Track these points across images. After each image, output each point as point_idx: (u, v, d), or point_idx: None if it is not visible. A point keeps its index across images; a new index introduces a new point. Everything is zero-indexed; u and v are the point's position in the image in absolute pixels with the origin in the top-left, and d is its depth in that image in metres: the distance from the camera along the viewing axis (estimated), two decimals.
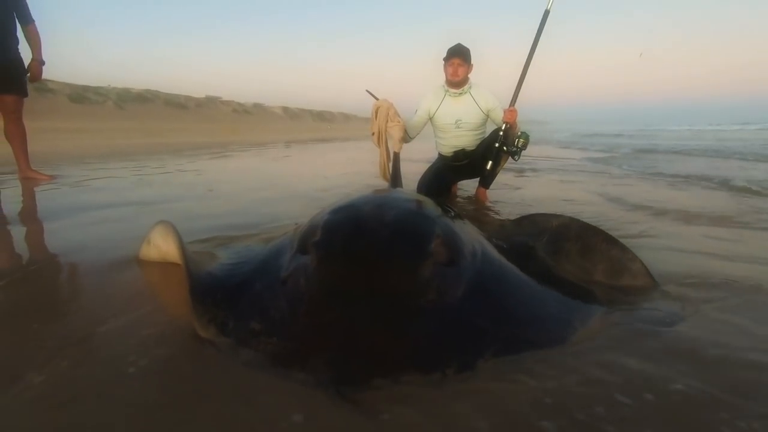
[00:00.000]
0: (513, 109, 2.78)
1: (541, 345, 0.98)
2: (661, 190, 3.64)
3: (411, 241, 1.05)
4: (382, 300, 0.94)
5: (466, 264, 1.12)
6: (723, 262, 1.67)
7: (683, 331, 1.09)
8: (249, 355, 0.92)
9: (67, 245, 1.82)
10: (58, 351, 0.97)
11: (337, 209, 1.18)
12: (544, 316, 1.07)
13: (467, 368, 0.88)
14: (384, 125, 2.89)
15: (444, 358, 0.89)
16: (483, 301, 1.05)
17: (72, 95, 19.93)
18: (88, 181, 3.75)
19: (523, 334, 0.99)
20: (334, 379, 0.82)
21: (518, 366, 0.91)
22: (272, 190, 3.52)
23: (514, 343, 0.96)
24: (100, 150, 7.24)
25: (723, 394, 0.85)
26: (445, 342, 0.92)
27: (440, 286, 1.00)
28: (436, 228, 1.11)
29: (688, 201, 3.09)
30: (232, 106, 28.77)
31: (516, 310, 1.07)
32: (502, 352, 0.93)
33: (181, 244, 1.27)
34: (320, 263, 1.02)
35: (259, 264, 1.27)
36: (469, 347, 0.92)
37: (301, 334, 0.93)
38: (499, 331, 0.98)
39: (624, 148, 9.62)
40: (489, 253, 1.29)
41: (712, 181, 4.12)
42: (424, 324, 0.93)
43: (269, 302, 1.04)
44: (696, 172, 4.89)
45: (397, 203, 1.22)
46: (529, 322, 1.04)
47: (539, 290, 1.18)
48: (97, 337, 1.04)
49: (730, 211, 2.67)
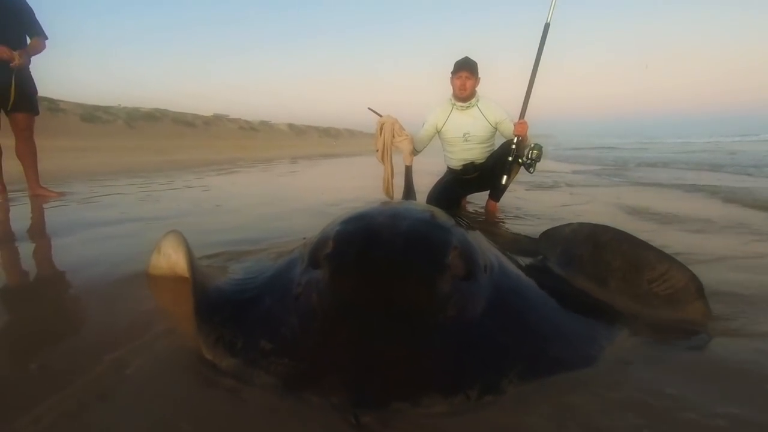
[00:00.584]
0: (523, 121, 2.76)
1: (568, 364, 0.92)
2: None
3: (428, 253, 1.00)
4: (400, 315, 0.89)
5: (484, 277, 1.07)
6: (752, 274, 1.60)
7: (723, 347, 1.02)
8: (259, 376, 0.88)
9: (74, 261, 1.80)
10: (64, 380, 0.92)
11: (349, 219, 1.13)
12: (568, 333, 1.02)
13: (491, 390, 0.82)
14: (390, 141, 2.90)
15: (466, 379, 0.83)
16: (504, 316, 1.00)
17: (83, 115, 20.30)
18: (97, 197, 3.76)
19: (549, 352, 0.94)
20: (350, 401, 0.77)
21: (544, 387, 0.86)
22: (280, 204, 3.50)
23: (540, 362, 0.91)
24: (109, 167, 7.31)
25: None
26: (467, 361, 0.86)
27: (459, 301, 0.95)
28: (453, 239, 1.06)
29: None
30: (239, 123, 29.14)
31: (539, 327, 1.01)
32: (528, 372, 0.88)
33: (191, 255, 1.23)
34: (333, 276, 0.98)
35: (269, 279, 1.23)
36: (493, 367, 0.87)
37: (314, 353, 0.88)
38: (523, 349, 0.92)
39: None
40: (506, 266, 1.24)
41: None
42: (444, 342, 0.88)
43: (280, 319, 1.00)
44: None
45: (411, 213, 1.18)
46: (554, 338, 0.98)
47: (561, 305, 1.13)
48: (103, 363, 0.99)
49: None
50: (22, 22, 3.35)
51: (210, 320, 1.02)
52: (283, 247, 1.68)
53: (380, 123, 2.92)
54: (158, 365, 0.97)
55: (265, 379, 0.87)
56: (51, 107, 18.39)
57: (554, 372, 0.89)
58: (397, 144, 2.92)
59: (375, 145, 2.98)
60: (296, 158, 11.76)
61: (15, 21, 3.31)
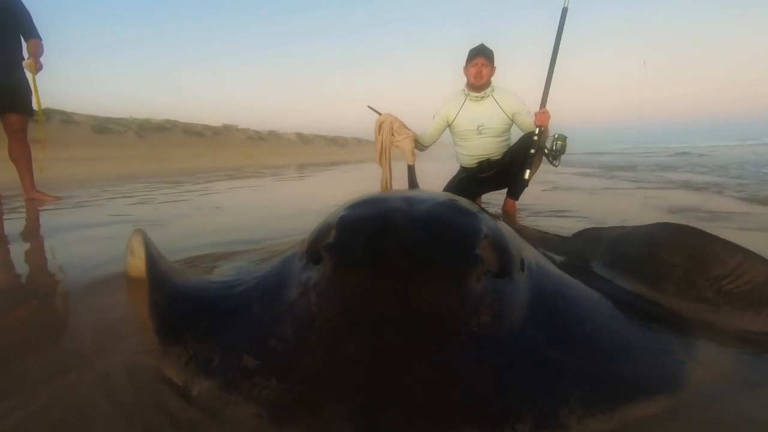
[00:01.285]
0: (545, 110, 2.53)
1: (645, 387, 0.69)
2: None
3: (454, 241, 0.78)
4: (420, 321, 0.68)
5: (521, 274, 0.85)
6: None
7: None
8: (238, 403, 0.66)
9: (55, 262, 1.65)
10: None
11: (357, 203, 0.91)
12: (636, 346, 0.79)
13: (547, 423, 0.60)
14: (388, 141, 2.70)
15: (511, 407, 0.61)
16: (552, 324, 0.78)
17: (95, 126, 20.54)
18: (94, 201, 3.62)
19: (617, 370, 0.71)
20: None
21: (617, 418, 0.63)
22: (283, 207, 3.33)
23: (607, 384, 0.68)
24: (114, 175, 7.23)
25: None
26: (511, 384, 0.64)
27: (495, 303, 0.73)
28: (483, 225, 0.84)
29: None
30: (247, 133, 29.30)
31: (598, 337, 0.79)
32: (593, 397, 0.65)
33: (153, 259, 1.02)
34: (335, 272, 0.76)
35: (259, 281, 1.00)
36: (546, 390, 0.64)
37: (311, 372, 0.66)
38: (584, 366, 0.70)
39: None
40: (545, 264, 1.02)
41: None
42: (478, 357, 0.66)
43: (270, 330, 0.77)
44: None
45: (430, 196, 0.95)
46: (620, 353, 0.76)
47: (619, 311, 0.90)
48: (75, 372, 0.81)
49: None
50: (18, 24, 3.26)
51: (179, 336, 0.82)
52: (279, 247, 1.48)
53: (379, 122, 2.73)
54: (127, 373, 0.80)
55: (246, 407, 0.66)
56: (64, 119, 18.62)
57: (629, 398, 0.66)
58: (397, 143, 2.72)
59: (375, 148, 2.78)
60: (303, 165, 11.64)
61: (11, 22, 3.23)
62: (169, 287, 0.95)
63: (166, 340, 0.81)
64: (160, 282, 0.94)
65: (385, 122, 2.71)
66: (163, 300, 0.89)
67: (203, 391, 0.71)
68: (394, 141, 2.71)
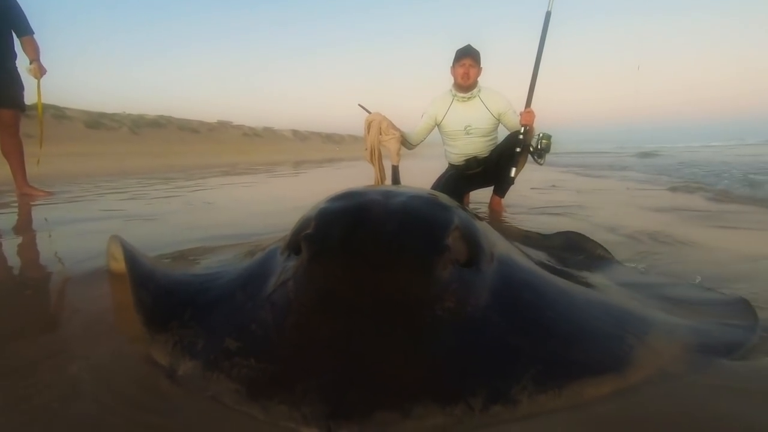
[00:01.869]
0: (530, 110, 2.60)
1: (594, 368, 0.75)
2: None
3: (424, 231, 0.84)
4: (388, 305, 0.73)
5: (490, 265, 0.90)
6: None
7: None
8: (219, 381, 0.71)
9: (41, 256, 1.67)
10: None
11: (335, 197, 0.98)
12: (593, 332, 0.85)
13: (500, 399, 0.65)
14: (376, 140, 2.70)
15: (469, 384, 0.66)
16: (514, 312, 0.83)
17: (88, 122, 20.40)
18: (86, 196, 3.64)
19: (570, 354, 0.76)
20: (326, 412, 0.61)
21: (565, 396, 0.69)
22: (275, 203, 3.36)
23: (560, 366, 0.73)
24: (108, 171, 7.23)
25: None
26: (470, 363, 0.69)
27: (460, 290, 0.79)
28: (453, 217, 0.90)
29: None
30: (242, 130, 29.22)
31: (558, 325, 0.84)
32: (544, 377, 0.70)
33: (131, 257, 1.07)
34: (312, 261, 0.81)
35: (242, 272, 1.06)
36: (501, 370, 0.70)
37: (286, 352, 0.72)
38: (539, 349, 0.75)
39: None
40: (516, 255, 1.07)
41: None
42: (442, 339, 0.72)
43: (250, 316, 0.83)
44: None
45: (405, 190, 1.02)
46: (576, 339, 0.81)
47: (582, 302, 0.96)
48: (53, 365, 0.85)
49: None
50: (10, 19, 3.26)
51: (165, 325, 0.87)
52: (265, 241, 1.53)
53: (368, 121, 2.74)
54: (114, 358, 0.84)
55: (226, 384, 0.71)
56: (57, 114, 18.47)
57: (577, 377, 0.72)
58: (384, 143, 2.72)
59: (364, 145, 2.79)
60: (299, 162, 11.66)
61: (2, 18, 3.23)
62: (152, 283, 0.99)
63: (153, 330, 0.86)
64: (142, 280, 0.99)
65: (373, 122, 2.73)
66: (147, 296, 0.94)
67: (188, 372, 0.76)
68: (381, 140, 2.73)
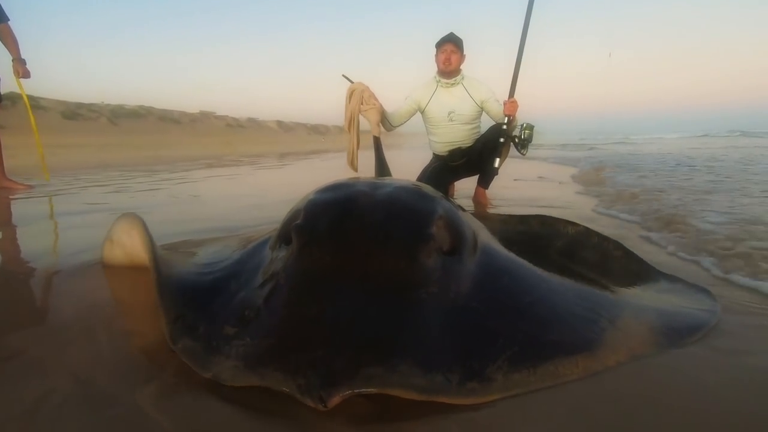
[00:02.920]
0: (513, 100, 2.64)
1: (565, 350, 0.81)
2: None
3: (409, 220, 0.89)
4: (375, 288, 0.78)
5: (471, 251, 0.96)
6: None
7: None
8: (218, 360, 0.75)
9: (27, 252, 1.66)
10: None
11: (324, 189, 1.03)
12: (566, 317, 0.91)
13: (475, 376, 0.71)
14: (356, 109, 2.66)
15: (447, 361, 0.72)
16: (493, 298, 0.89)
17: (65, 112, 19.80)
18: (68, 190, 3.58)
19: (544, 337, 0.82)
20: (317, 384, 0.65)
21: (540, 374, 0.75)
22: (262, 196, 3.37)
23: (534, 347, 0.79)
24: (88, 163, 7.07)
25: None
26: (449, 343, 0.75)
27: (443, 277, 0.84)
28: (438, 207, 0.95)
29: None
30: (226, 120, 28.71)
31: (534, 309, 0.90)
32: (520, 357, 0.76)
33: (149, 239, 1.10)
34: (302, 248, 0.86)
35: (237, 262, 1.11)
36: (478, 350, 0.76)
37: (279, 331, 0.76)
38: (515, 333, 0.81)
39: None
40: (496, 244, 1.13)
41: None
42: (424, 320, 0.77)
43: (246, 300, 0.88)
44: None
45: (391, 182, 1.07)
46: (550, 323, 0.87)
47: (559, 286, 1.02)
48: (41, 355, 0.87)
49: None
50: None
51: (173, 300, 0.92)
52: (255, 234, 1.56)
53: (350, 90, 2.70)
54: (102, 361, 0.85)
55: (225, 361, 0.75)
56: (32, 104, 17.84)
57: (552, 357, 0.78)
58: (363, 112, 2.68)
59: (344, 118, 2.73)
60: (284, 154, 11.57)
61: None
62: (167, 264, 1.04)
63: (165, 303, 0.91)
64: (162, 266, 1.03)
65: (356, 90, 2.68)
66: (164, 273, 0.99)
67: (189, 349, 0.80)
68: (361, 110, 2.68)
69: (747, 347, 0.90)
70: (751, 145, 10.31)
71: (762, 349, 0.91)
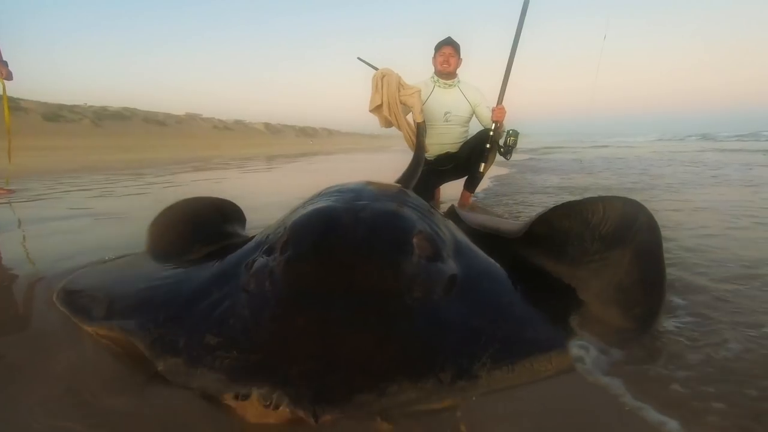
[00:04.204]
0: (502, 107, 2.71)
1: (543, 347, 0.84)
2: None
3: (391, 235, 0.94)
4: (362, 300, 0.81)
5: (450, 257, 0.99)
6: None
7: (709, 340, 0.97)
8: (203, 374, 0.76)
9: (9, 259, 1.64)
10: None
11: (307, 204, 1.07)
12: (540, 314, 0.94)
13: (464, 374, 0.75)
14: (395, 94, 2.47)
15: (437, 363, 0.75)
16: (474, 298, 0.92)
17: (46, 114, 19.38)
18: (51, 194, 3.53)
19: (522, 335, 0.86)
20: (309, 395, 0.67)
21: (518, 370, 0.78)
22: (249, 199, 3.35)
23: (513, 345, 0.83)
24: (71, 166, 6.95)
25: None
26: (437, 345, 0.78)
27: (426, 282, 0.88)
28: (417, 220, 1.00)
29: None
30: (212, 122, 28.44)
31: (511, 309, 0.94)
32: (501, 354, 0.80)
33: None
34: (289, 261, 0.88)
35: (216, 272, 1.09)
36: (464, 350, 0.79)
37: (268, 343, 0.78)
38: (496, 331, 0.84)
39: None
40: (473, 249, 1.16)
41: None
42: (411, 325, 0.80)
43: (228, 311, 0.88)
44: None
45: (373, 195, 1.11)
46: (527, 320, 0.91)
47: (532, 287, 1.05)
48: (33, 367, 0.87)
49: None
50: None
51: (144, 322, 0.91)
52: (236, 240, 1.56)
53: (380, 75, 2.49)
54: (88, 368, 0.85)
55: (211, 376, 0.75)
56: (11, 106, 17.43)
57: (529, 356, 0.81)
58: (404, 99, 2.49)
59: (372, 102, 2.53)
60: (272, 157, 11.51)
61: None
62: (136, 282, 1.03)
63: (133, 332, 0.90)
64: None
65: (388, 75, 2.49)
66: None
67: (171, 366, 0.80)
68: (400, 96, 2.50)
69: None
70: (677, 149, 11.41)
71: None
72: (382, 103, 2.50)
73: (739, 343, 0.90)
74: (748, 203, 2.74)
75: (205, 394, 0.73)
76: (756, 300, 1.13)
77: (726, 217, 2.26)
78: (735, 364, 0.83)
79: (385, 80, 2.49)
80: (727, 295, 1.16)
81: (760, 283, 1.25)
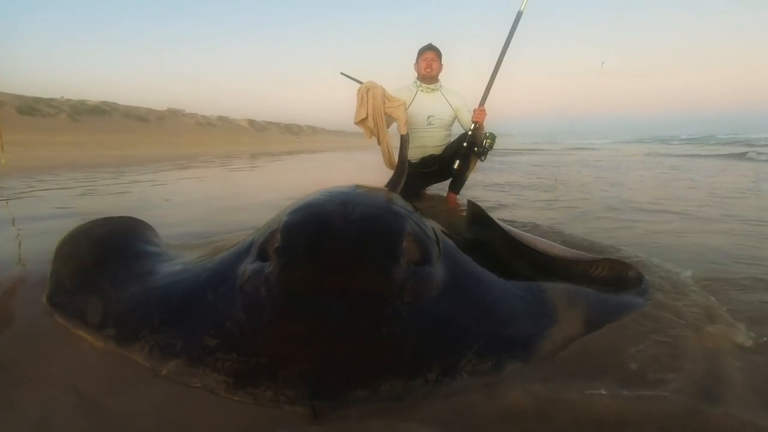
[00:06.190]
0: (482, 108, 2.79)
1: (525, 343, 0.91)
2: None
3: (381, 239, 0.97)
4: (355, 304, 0.86)
5: (438, 260, 1.05)
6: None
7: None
8: (205, 375, 0.80)
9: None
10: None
11: (298, 208, 1.08)
12: (521, 312, 1.01)
13: (450, 371, 0.81)
14: (380, 107, 2.54)
15: (424, 363, 0.81)
16: (461, 298, 0.98)
17: (21, 107, 18.80)
18: (31, 192, 3.46)
19: (505, 331, 0.93)
20: (307, 393, 0.73)
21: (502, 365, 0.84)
22: (235, 199, 3.36)
23: (497, 342, 0.89)
24: (49, 162, 6.78)
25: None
26: (424, 346, 0.84)
27: (415, 287, 0.93)
28: (406, 224, 1.04)
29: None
30: (195, 119, 28.00)
31: (495, 307, 1.00)
32: (485, 351, 0.86)
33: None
34: (283, 268, 0.92)
35: (209, 276, 1.11)
36: (451, 348, 0.85)
37: (266, 346, 0.82)
38: (482, 330, 0.91)
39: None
40: (458, 251, 1.22)
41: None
42: (401, 328, 0.85)
43: (224, 316, 0.91)
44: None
45: (362, 199, 1.14)
46: (509, 319, 0.97)
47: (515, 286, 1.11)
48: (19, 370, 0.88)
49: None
50: None
51: (137, 328, 0.94)
52: (226, 242, 1.58)
53: (365, 88, 2.55)
54: (88, 369, 0.87)
55: (212, 377, 0.79)
56: None
57: (512, 352, 0.88)
58: (389, 111, 2.56)
59: (356, 115, 2.59)
60: (256, 155, 11.41)
61: None
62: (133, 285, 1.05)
63: (128, 338, 0.92)
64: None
65: (373, 89, 2.55)
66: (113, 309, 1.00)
67: (171, 369, 0.83)
68: (386, 108, 2.56)
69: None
70: (613, 153, 11.40)
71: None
72: (367, 116, 2.56)
73: None
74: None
75: (209, 390, 0.76)
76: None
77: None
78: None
79: (370, 93, 2.55)
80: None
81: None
